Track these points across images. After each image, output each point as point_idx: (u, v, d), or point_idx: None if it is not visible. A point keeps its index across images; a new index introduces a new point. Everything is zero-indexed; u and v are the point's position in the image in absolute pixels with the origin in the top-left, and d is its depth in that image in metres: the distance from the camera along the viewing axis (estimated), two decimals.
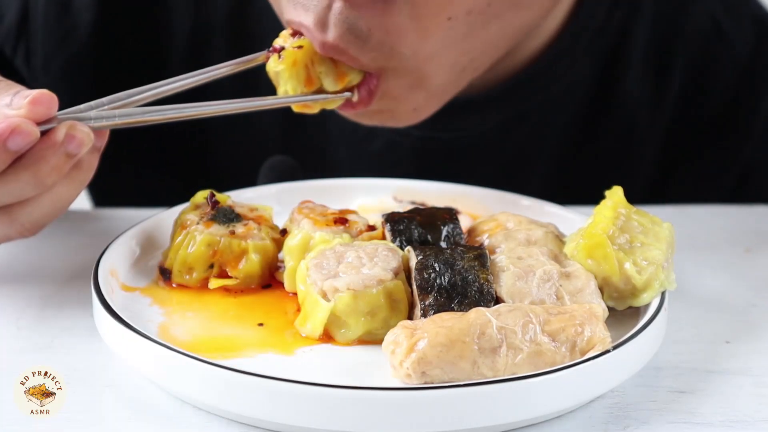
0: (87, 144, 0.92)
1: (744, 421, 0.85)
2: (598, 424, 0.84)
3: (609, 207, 0.94)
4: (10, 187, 0.91)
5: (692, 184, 1.28)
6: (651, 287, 0.91)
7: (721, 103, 1.28)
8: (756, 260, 1.08)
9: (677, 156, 1.29)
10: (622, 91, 1.26)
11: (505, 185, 1.11)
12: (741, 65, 1.27)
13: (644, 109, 1.27)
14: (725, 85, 1.27)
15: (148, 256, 0.99)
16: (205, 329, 0.90)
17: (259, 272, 0.95)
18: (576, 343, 0.84)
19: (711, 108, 1.28)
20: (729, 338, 0.95)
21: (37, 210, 0.93)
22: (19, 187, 0.91)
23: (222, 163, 1.30)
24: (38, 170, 0.91)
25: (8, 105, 0.90)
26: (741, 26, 1.27)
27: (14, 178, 0.91)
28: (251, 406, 0.80)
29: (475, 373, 0.82)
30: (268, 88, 1.04)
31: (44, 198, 0.93)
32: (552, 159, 1.27)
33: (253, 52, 1.06)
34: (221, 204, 0.98)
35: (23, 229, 0.94)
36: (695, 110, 1.28)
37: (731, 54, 1.27)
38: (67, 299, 0.98)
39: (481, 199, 1.08)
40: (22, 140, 0.89)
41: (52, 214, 0.94)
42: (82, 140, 0.91)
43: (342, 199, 1.06)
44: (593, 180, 1.24)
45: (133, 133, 1.08)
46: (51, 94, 0.91)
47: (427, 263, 0.89)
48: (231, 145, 1.29)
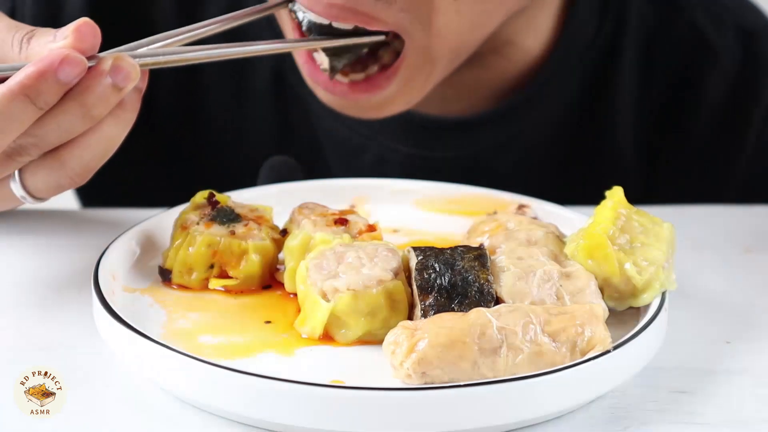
0: (134, 78, 0.90)
1: (744, 422, 0.85)
2: (598, 425, 0.84)
3: (609, 207, 0.94)
4: (59, 121, 0.89)
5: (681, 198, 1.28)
6: (651, 287, 0.91)
7: (709, 114, 1.27)
8: (756, 260, 1.08)
9: (666, 172, 1.29)
10: (610, 104, 1.26)
11: None
12: (728, 77, 1.26)
13: (631, 124, 1.26)
14: (713, 97, 1.27)
15: (148, 256, 0.99)
16: (205, 330, 0.90)
17: (260, 273, 0.95)
18: (576, 344, 0.84)
19: (699, 122, 1.27)
20: (729, 338, 0.95)
21: (87, 152, 0.91)
22: (67, 120, 0.89)
23: (218, 170, 1.30)
24: (85, 101, 0.88)
25: (52, 41, 0.89)
26: (727, 37, 1.27)
27: (62, 110, 0.89)
28: (251, 406, 0.80)
29: (475, 373, 0.82)
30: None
31: (92, 138, 0.91)
32: (541, 177, 1.26)
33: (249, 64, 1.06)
34: (221, 204, 0.98)
35: (74, 174, 0.92)
36: (683, 124, 1.27)
37: (717, 66, 1.26)
38: (67, 299, 0.98)
39: (482, 199, 1.08)
40: (71, 70, 0.87)
41: (100, 156, 0.92)
42: (129, 73, 0.90)
43: (342, 200, 1.06)
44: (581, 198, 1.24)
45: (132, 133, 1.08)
46: (93, 24, 0.90)
47: (427, 263, 0.89)
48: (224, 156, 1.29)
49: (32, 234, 1.09)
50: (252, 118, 1.27)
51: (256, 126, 1.27)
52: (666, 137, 1.28)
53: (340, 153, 1.25)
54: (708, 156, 1.28)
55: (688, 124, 1.27)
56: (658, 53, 1.26)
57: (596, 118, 1.26)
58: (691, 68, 1.27)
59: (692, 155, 1.28)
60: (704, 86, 1.27)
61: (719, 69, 1.26)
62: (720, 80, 1.27)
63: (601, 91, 1.26)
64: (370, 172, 1.23)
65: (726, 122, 1.27)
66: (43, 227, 1.10)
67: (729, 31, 1.27)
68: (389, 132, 1.23)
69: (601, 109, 1.26)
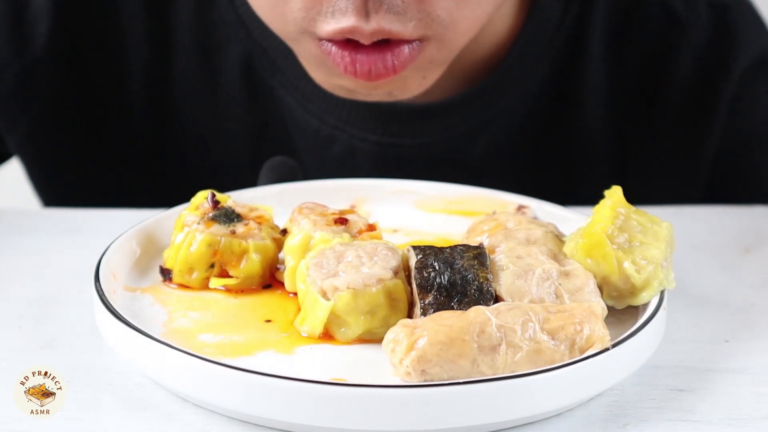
0: None
1: (743, 420, 0.85)
2: (597, 422, 0.84)
3: (608, 207, 0.94)
4: None
5: (654, 181, 1.27)
6: (650, 286, 0.91)
7: (680, 93, 1.25)
8: (756, 260, 1.08)
9: (638, 151, 1.27)
10: (580, 87, 1.25)
11: None
12: (698, 52, 1.24)
13: (602, 103, 1.25)
14: (683, 73, 1.25)
15: (149, 256, 0.99)
16: (205, 329, 0.90)
17: (260, 272, 0.96)
18: (575, 342, 0.84)
19: (670, 98, 1.25)
20: (728, 337, 0.95)
21: None
22: None
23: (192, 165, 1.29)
24: None
25: None
26: (696, 12, 1.25)
27: None
28: (251, 404, 0.81)
29: (474, 371, 0.82)
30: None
31: None
32: (512, 164, 1.26)
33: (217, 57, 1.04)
34: (222, 204, 0.98)
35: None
36: (654, 103, 1.26)
37: (687, 42, 1.24)
38: (67, 299, 0.98)
39: (481, 200, 1.08)
40: None
41: None
42: None
43: (342, 200, 1.06)
44: (557, 181, 1.23)
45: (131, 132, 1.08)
46: None
47: (426, 262, 0.89)
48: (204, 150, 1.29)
49: (32, 234, 1.09)
50: (223, 111, 1.26)
51: (228, 119, 1.26)
52: (637, 117, 1.26)
53: (309, 145, 1.24)
54: (679, 134, 1.26)
55: (659, 103, 1.25)
56: (627, 31, 1.24)
57: (567, 101, 1.25)
58: (661, 45, 1.25)
59: (663, 135, 1.26)
60: (674, 63, 1.25)
61: (689, 44, 1.24)
62: (689, 56, 1.24)
63: (572, 73, 1.24)
64: (340, 163, 1.23)
65: (696, 98, 1.25)
66: (43, 227, 1.10)
67: (700, 4, 1.25)
68: (358, 120, 1.21)
69: (571, 92, 1.25)
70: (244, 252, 0.95)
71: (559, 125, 1.26)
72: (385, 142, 1.21)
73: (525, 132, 1.25)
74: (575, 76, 1.24)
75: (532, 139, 1.25)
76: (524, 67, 1.22)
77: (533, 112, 1.25)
